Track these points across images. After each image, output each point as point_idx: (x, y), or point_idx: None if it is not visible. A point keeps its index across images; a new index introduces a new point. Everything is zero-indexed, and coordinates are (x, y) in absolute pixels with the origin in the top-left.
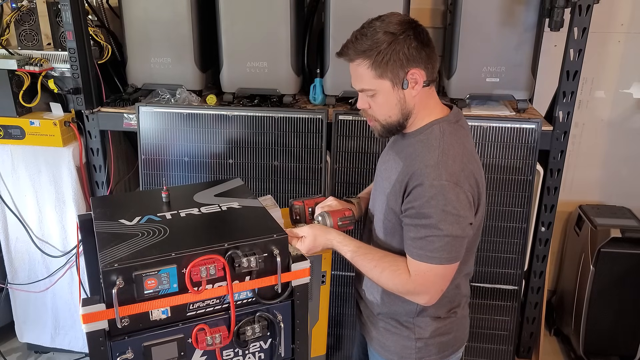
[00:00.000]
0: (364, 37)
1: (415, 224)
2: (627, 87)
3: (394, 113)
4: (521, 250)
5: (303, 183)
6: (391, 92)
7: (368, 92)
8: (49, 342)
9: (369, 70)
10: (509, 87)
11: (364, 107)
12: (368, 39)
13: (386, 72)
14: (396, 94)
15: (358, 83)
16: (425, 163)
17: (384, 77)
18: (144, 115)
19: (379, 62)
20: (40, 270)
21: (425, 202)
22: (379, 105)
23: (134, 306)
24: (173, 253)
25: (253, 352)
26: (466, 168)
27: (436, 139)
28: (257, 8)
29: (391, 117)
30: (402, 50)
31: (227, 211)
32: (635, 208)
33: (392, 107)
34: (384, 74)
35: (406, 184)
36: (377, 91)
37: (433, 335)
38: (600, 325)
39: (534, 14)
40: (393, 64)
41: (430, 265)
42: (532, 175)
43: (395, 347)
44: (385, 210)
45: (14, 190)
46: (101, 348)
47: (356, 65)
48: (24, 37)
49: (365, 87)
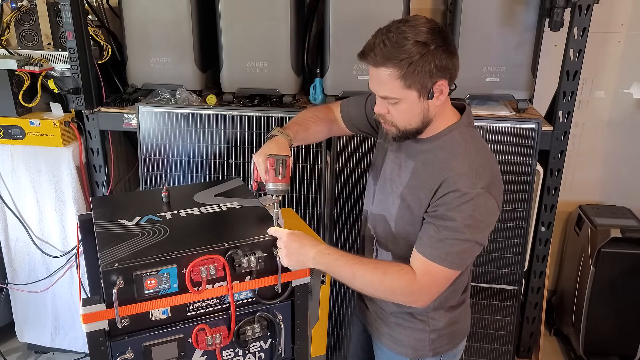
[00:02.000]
0: (395, 44)
1: (439, 224)
2: (627, 87)
3: (414, 122)
4: (521, 250)
5: (303, 183)
6: (416, 102)
7: (391, 100)
8: (49, 342)
9: (397, 80)
10: (509, 87)
11: (383, 113)
12: (399, 48)
13: (415, 83)
14: (421, 104)
15: (381, 90)
16: (458, 171)
17: (412, 88)
18: (144, 115)
19: (410, 73)
20: (40, 270)
21: (456, 207)
22: (400, 113)
23: (134, 306)
24: (173, 253)
25: (253, 352)
26: (495, 174)
27: (459, 145)
28: (257, 8)
29: (411, 125)
30: (434, 62)
31: (227, 211)
32: (635, 208)
33: (415, 116)
34: (413, 85)
35: (436, 190)
36: (402, 100)
37: (446, 325)
38: (600, 325)
39: (534, 14)
40: (423, 76)
41: (442, 267)
42: (532, 175)
43: (409, 341)
44: (399, 210)
45: (14, 190)
46: (101, 348)
47: (382, 71)
48: (24, 37)
49: (390, 95)
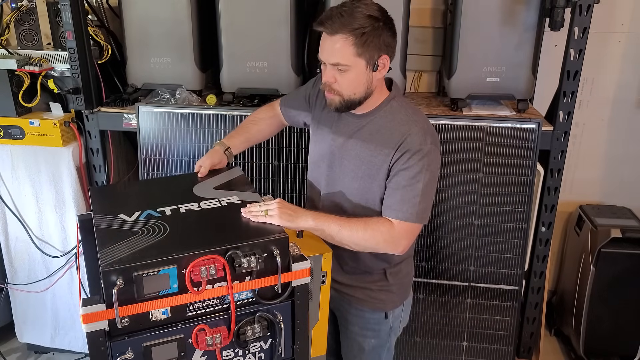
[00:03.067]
0: (350, 15)
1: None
2: (627, 87)
3: (359, 91)
4: (521, 251)
5: (303, 183)
6: (363, 72)
7: (341, 66)
8: (49, 342)
9: (351, 47)
10: (509, 87)
11: (330, 81)
12: (355, 18)
13: (365, 52)
14: (367, 74)
15: (333, 56)
16: (409, 132)
17: (362, 57)
18: (144, 115)
19: (362, 42)
20: (40, 270)
21: (413, 165)
22: (348, 81)
23: (134, 306)
24: (173, 253)
25: (253, 352)
26: (433, 130)
27: (400, 112)
28: (257, 8)
29: (356, 94)
30: (382, 36)
31: (227, 207)
32: (635, 208)
33: (360, 85)
34: (363, 53)
35: (393, 154)
36: (351, 68)
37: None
38: (600, 325)
39: (534, 13)
40: (373, 47)
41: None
42: (532, 176)
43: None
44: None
45: (14, 190)
46: (101, 348)
47: (337, 38)
48: (23, 37)
49: (342, 61)
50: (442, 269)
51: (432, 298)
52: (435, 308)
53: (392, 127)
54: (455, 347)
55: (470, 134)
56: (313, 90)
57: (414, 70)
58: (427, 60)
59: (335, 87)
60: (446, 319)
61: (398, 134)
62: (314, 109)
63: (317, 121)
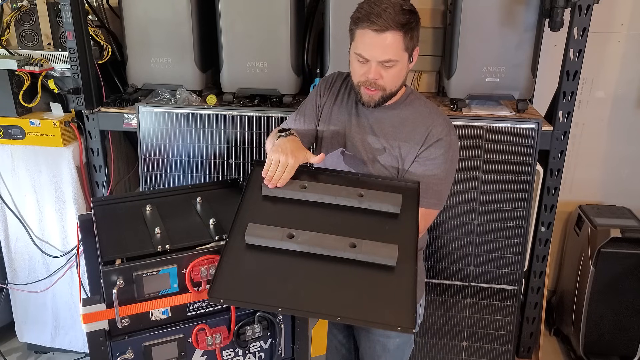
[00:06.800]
0: (395, 11)
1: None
2: (627, 87)
3: (398, 84)
4: (521, 250)
5: None
6: (405, 65)
7: (391, 63)
8: (49, 342)
9: (400, 42)
10: (509, 87)
11: (377, 78)
12: (401, 14)
13: (409, 47)
14: (406, 67)
15: (385, 53)
16: (434, 123)
17: (407, 51)
18: (144, 115)
19: (409, 37)
20: (40, 270)
21: (440, 155)
22: (392, 76)
23: (134, 306)
24: (173, 253)
25: (253, 352)
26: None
27: (420, 104)
28: (257, 8)
29: (396, 87)
30: (417, 29)
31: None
32: (635, 208)
33: (401, 78)
34: (407, 48)
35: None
36: (398, 62)
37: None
38: (600, 325)
39: (534, 14)
40: (414, 41)
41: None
42: (532, 175)
43: None
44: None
45: (14, 190)
46: (101, 348)
47: (387, 35)
48: (24, 37)
49: (393, 57)
50: (442, 268)
51: (432, 298)
52: (435, 308)
53: (415, 118)
54: (455, 346)
55: (470, 134)
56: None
57: (414, 70)
58: (427, 61)
59: (380, 84)
60: (446, 319)
61: (423, 126)
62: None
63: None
